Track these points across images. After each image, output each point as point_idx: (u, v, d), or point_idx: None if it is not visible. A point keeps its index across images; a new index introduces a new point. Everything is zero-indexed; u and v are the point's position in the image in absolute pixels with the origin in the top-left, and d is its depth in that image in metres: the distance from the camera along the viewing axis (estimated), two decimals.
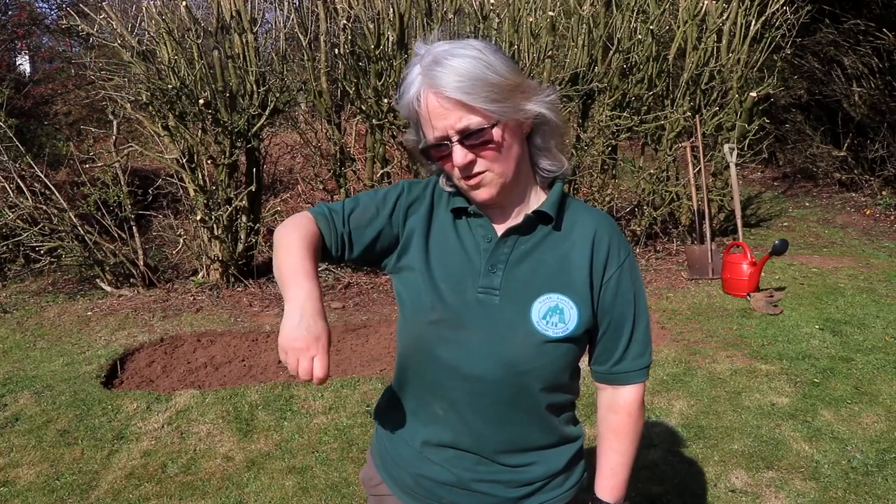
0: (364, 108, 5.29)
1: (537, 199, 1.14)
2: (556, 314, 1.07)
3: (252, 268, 5.54)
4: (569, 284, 1.09)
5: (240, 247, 5.39)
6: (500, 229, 1.12)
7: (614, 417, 1.18)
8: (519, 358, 1.07)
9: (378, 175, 5.59)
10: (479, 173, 1.04)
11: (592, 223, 1.12)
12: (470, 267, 1.11)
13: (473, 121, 1.00)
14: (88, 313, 4.81)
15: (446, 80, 0.99)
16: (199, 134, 5.15)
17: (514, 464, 1.14)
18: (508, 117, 1.02)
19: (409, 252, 1.14)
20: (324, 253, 1.12)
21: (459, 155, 1.02)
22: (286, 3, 5.37)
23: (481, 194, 1.07)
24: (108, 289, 5.25)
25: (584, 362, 1.20)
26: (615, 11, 5.90)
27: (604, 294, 1.11)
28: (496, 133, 1.02)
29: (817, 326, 4.21)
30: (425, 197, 1.17)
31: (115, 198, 5.26)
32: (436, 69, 1.00)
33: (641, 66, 5.99)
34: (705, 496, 2.56)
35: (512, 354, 1.07)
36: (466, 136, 1.01)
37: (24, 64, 9.78)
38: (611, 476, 1.18)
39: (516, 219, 1.12)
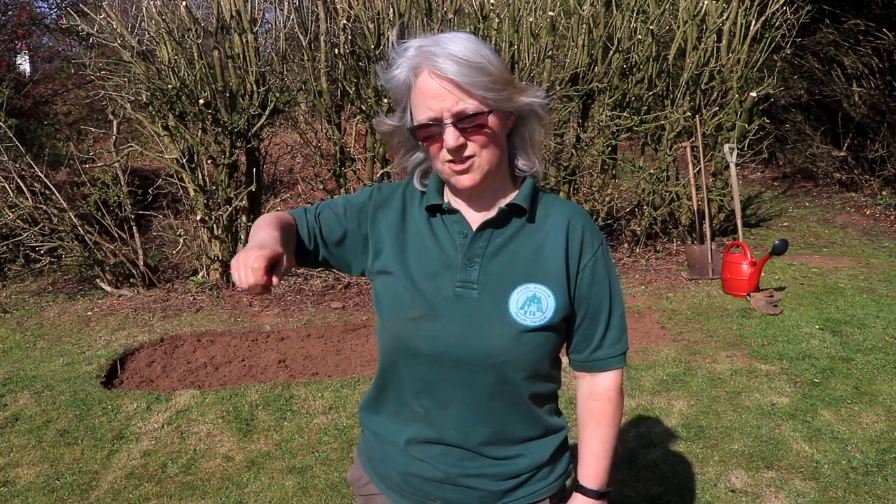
0: (364, 108, 5.29)
1: (510, 196, 1.16)
2: (533, 303, 1.09)
3: None
4: (545, 274, 1.11)
5: (240, 247, 5.39)
6: (474, 224, 1.14)
7: (595, 404, 1.19)
8: (498, 349, 1.08)
9: (378, 175, 5.58)
10: (468, 157, 1.06)
11: (565, 214, 1.15)
12: (447, 262, 1.12)
13: (470, 105, 1.02)
14: (88, 313, 4.81)
15: (448, 63, 1.00)
16: (199, 134, 5.15)
17: (500, 456, 1.15)
18: (501, 107, 1.05)
19: (383, 254, 1.16)
20: (302, 250, 1.16)
21: (452, 137, 1.03)
22: (286, 3, 5.37)
23: (465, 180, 1.08)
24: (108, 289, 5.25)
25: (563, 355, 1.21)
26: (615, 11, 5.90)
27: (580, 282, 1.13)
28: (490, 119, 1.04)
29: (817, 326, 4.21)
30: (396, 198, 1.19)
31: (115, 198, 5.26)
32: (436, 52, 1.01)
33: (641, 66, 5.99)
34: (705, 496, 2.56)
35: (491, 346, 1.08)
36: (460, 120, 1.02)
37: (24, 64, 9.77)
38: (593, 462, 1.19)
39: (491, 213, 1.14)
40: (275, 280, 0.93)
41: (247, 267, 0.91)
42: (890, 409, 3.18)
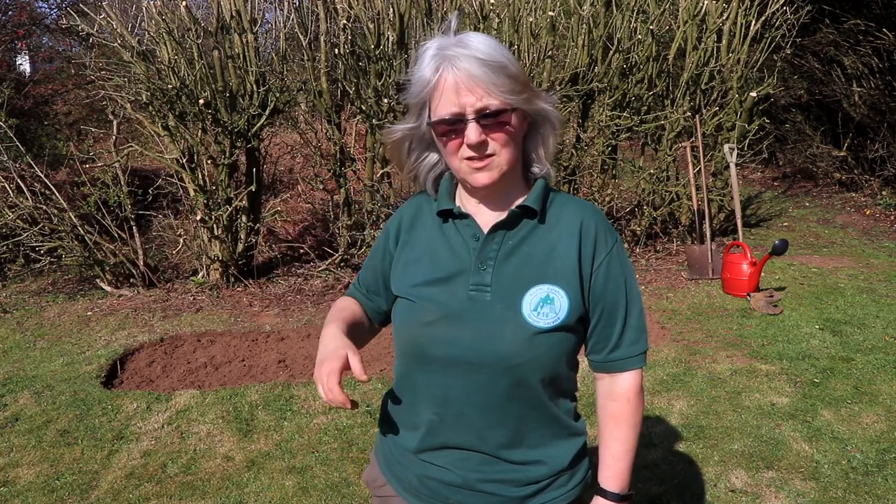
0: (364, 108, 5.29)
1: (522, 198, 1.16)
2: (546, 304, 1.09)
3: (252, 268, 5.55)
4: (558, 274, 1.10)
5: (240, 247, 5.39)
6: (486, 227, 1.14)
7: (613, 405, 1.18)
8: (512, 351, 1.08)
9: (378, 175, 5.59)
10: (488, 156, 1.07)
11: (578, 214, 1.15)
12: (459, 267, 1.13)
13: (493, 102, 1.04)
14: (88, 313, 4.81)
15: (472, 62, 1.02)
16: (199, 134, 5.15)
17: (518, 460, 1.14)
18: (522, 107, 1.07)
19: (396, 271, 1.20)
20: (377, 315, 1.32)
21: (474, 132, 1.04)
22: (286, 3, 5.37)
23: (482, 178, 1.08)
24: (108, 289, 5.25)
25: (583, 361, 1.20)
26: (615, 11, 5.90)
27: (594, 282, 1.13)
28: (513, 118, 1.06)
29: (817, 326, 4.21)
30: (406, 216, 1.23)
31: (115, 198, 5.26)
32: (459, 52, 1.03)
33: (641, 66, 5.98)
34: (705, 496, 2.56)
35: (504, 348, 1.08)
36: (484, 116, 1.04)
37: (24, 64, 9.77)
38: (613, 464, 1.18)
39: (502, 215, 1.14)
40: (360, 376, 1.02)
41: (325, 389, 1.02)
42: (890, 409, 3.18)
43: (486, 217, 1.15)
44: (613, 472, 1.18)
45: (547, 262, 1.11)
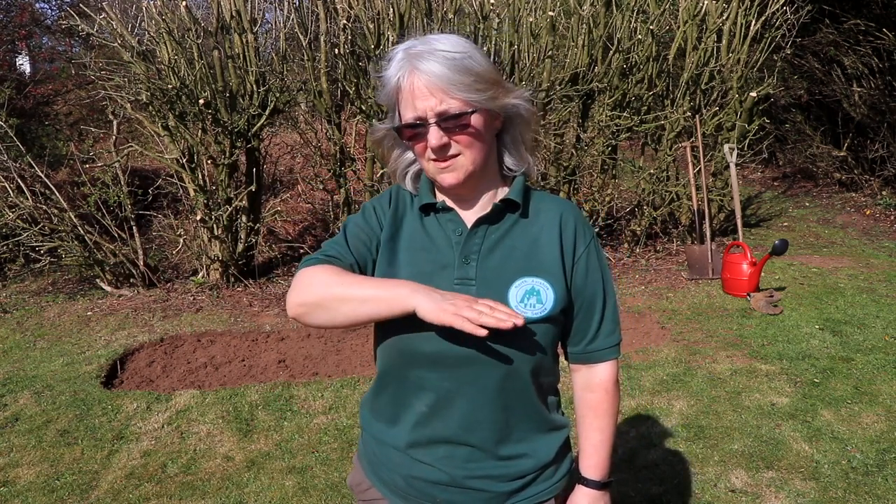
0: (364, 108, 5.29)
1: (502, 194, 1.17)
2: (532, 296, 1.10)
3: (252, 268, 5.55)
4: (542, 266, 1.12)
5: (240, 247, 5.39)
6: (469, 222, 1.15)
7: (592, 396, 1.21)
8: (501, 342, 1.08)
9: (378, 175, 5.59)
10: (453, 156, 1.08)
11: (557, 208, 1.17)
12: (443, 261, 1.13)
13: (453, 105, 1.04)
14: (88, 313, 4.81)
15: (432, 63, 1.02)
16: (199, 134, 5.15)
17: (506, 455, 1.15)
18: (486, 106, 1.07)
19: (378, 263, 1.16)
20: None
21: (435, 137, 1.05)
22: (286, 3, 5.37)
23: (448, 178, 1.09)
24: (108, 289, 5.25)
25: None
26: (615, 11, 5.90)
27: (576, 273, 1.15)
28: (474, 119, 1.06)
29: (817, 326, 4.21)
30: (389, 205, 1.20)
31: (115, 198, 5.26)
32: (422, 53, 1.04)
33: (641, 66, 5.98)
34: (705, 496, 2.56)
35: (494, 339, 1.08)
36: (444, 119, 1.04)
37: (24, 64, 9.79)
38: (594, 453, 1.20)
39: (484, 210, 1.15)
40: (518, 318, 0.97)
41: (493, 308, 0.95)
42: (890, 409, 3.18)
43: (469, 211, 1.16)
44: (594, 461, 1.20)
45: (531, 254, 1.13)
